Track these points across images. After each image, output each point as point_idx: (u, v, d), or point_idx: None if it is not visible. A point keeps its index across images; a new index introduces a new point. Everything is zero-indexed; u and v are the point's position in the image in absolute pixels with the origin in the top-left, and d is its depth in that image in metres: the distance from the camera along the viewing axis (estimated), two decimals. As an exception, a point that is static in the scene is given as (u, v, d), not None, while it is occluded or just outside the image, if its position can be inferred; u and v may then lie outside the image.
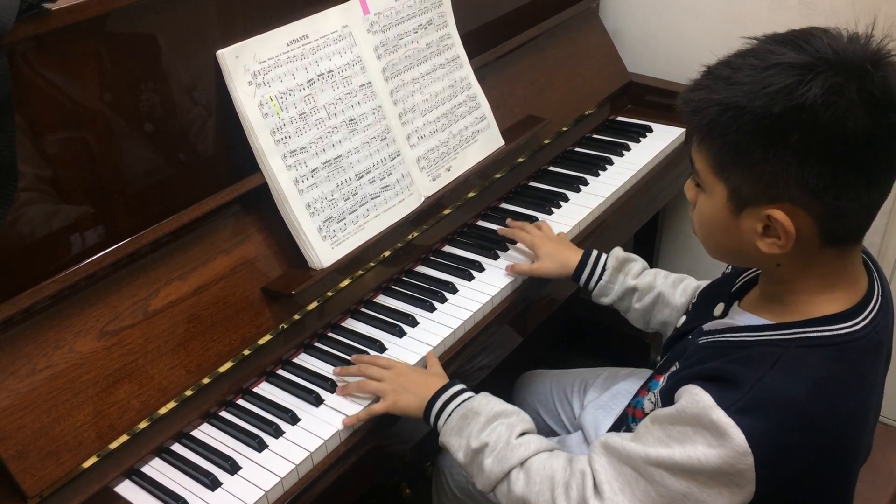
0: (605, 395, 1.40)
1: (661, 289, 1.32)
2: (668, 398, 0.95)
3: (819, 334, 0.89)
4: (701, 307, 1.11)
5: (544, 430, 1.51)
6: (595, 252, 1.38)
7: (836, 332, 0.89)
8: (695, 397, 0.88)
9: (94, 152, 1.14)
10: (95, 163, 1.14)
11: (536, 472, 1.02)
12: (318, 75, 1.35)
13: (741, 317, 0.99)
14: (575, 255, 1.38)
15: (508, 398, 1.60)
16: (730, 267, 1.14)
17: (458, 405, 1.12)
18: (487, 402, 1.11)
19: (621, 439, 0.96)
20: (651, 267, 1.38)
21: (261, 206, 1.31)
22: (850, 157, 0.82)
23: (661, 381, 1.05)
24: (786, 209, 0.85)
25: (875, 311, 0.92)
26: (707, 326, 1.02)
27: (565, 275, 1.39)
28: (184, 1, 1.18)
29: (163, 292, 1.19)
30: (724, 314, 1.04)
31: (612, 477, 0.94)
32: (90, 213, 1.15)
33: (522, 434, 1.07)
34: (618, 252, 1.37)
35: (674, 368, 1.03)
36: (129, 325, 1.15)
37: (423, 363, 1.27)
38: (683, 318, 1.17)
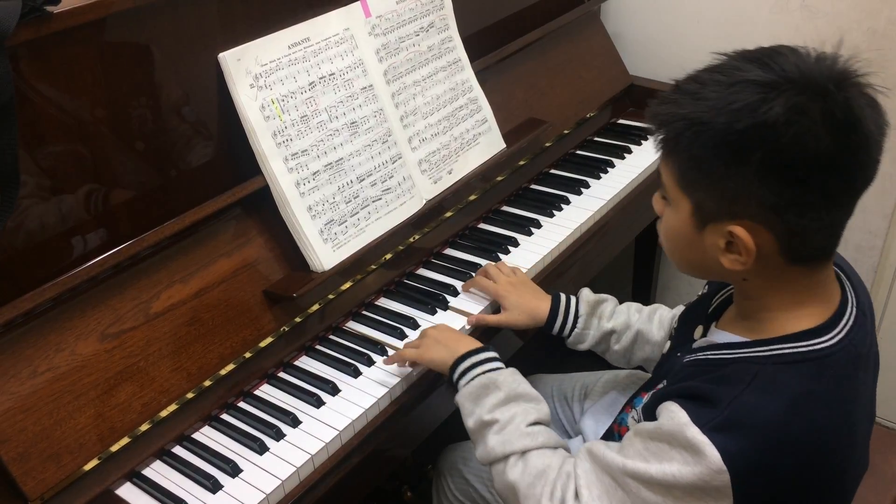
0: (604, 399, 1.40)
1: (639, 326, 1.30)
2: (649, 414, 0.96)
3: (794, 350, 0.89)
4: (681, 331, 1.11)
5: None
6: (564, 298, 1.33)
7: (811, 348, 0.88)
8: (671, 415, 0.89)
9: (95, 155, 1.14)
10: (97, 165, 1.14)
11: (533, 465, 1.02)
12: (320, 78, 1.35)
13: (719, 335, 0.99)
14: (544, 304, 1.33)
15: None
16: (706, 287, 1.13)
17: (484, 372, 1.12)
18: (513, 380, 1.11)
19: (605, 448, 0.97)
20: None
21: (262, 208, 1.31)
22: (811, 178, 0.82)
23: (646, 398, 1.04)
24: (746, 226, 0.85)
25: (850, 323, 0.91)
26: (695, 346, 1.02)
27: (536, 326, 1.34)
28: (185, 4, 1.18)
29: (164, 295, 1.19)
30: (703, 336, 1.04)
31: (591, 483, 0.96)
32: (91, 216, 1.15)
33: (535, 423, 1.07)
34: (587, 295, 1.33)
35: (660, 386, 1.03)
36: (131, 328, 1.15)
37: None
38: (668, 343, 1.16)
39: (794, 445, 0.86)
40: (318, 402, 1.21)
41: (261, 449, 1.14)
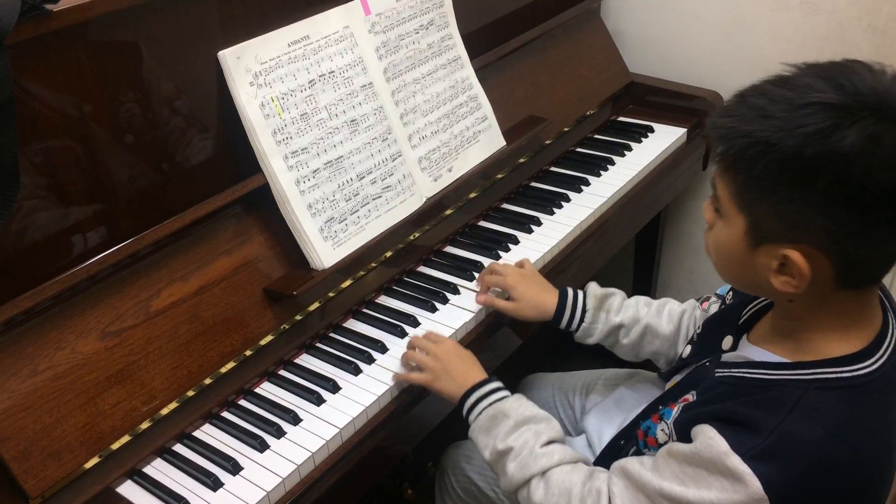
0: (607, 400, 1.39)
1: (648, 320, 1.29)
2: (682, 431, 0.94)
3: (837, 375, 0.86)
4: (707, 338, 1.09)
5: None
6: (571, 293, 1.32)
7: (854, 374, 0.86)
8: (710, 441, 0.87)
9: (95, 153, 1.14)
10: (97, 163, 1.14)
11: (555, 484, 1.03)
12: (320, 76, 1.35)
13: (754, 351, 0.97)
14: (552, 298, 1.32)
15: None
16: (730, 295, 1.12)
17: (491, 404, 1.13)
18: (518, 406, 1.12)
19: (640, 466, 0.95)
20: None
21: (262, 206, 1.31)
22: (878, 211, 0.79)
23: (675, 410, 1.02)
24: (804, 251, 0.83)
25: (891, 348, 0.89)
26: (725, 358, 1.00)
27: (543, 319, 1.34)
28: (185, 2, 1.18)
29: (164, 293, 1.19)
30: (733, 347, 1.02)
31: (626, 501, 0.95)
32: (92, 214, 1.15)
33: (549, 443, 1.08)
34: (595, 290, 1.33)
35: (690, 398, 1.01)
36: (131, 326, 1.15)
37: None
38: (689, 348, 1.15)
39: (836, 473, 0.85)
40: (319, 400, 1.21)
41: (261, 447, 1.14)
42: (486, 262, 1.49)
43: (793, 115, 0.79)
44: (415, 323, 1.36)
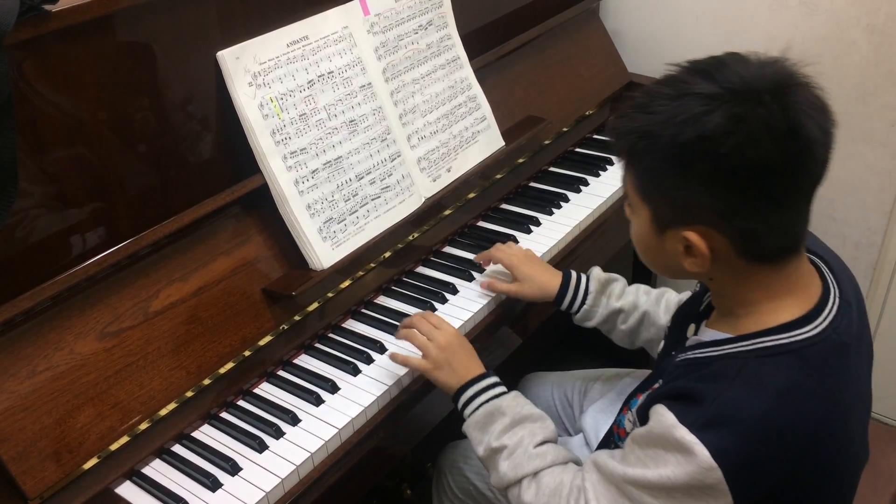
0: (605, 398, 1.40)
1: (646, 307, 1.32)
2: (643, 417, 0.97)
3: (776, 343, 0.90)
4: (675, 331, 1.12)
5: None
6: (574, 275, 1.35)
7: (792, 339, 0.89)
8: (660, 418, 0.90)
9: (94, 153, 1.14)
10: (95, 164, 1.14)
11: (546, 485, 1.04)
12: (319, 76, 1.35)
13: (707, 333, 1.00)
14: (555, 279, 1.35)
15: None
16: (698, 285, 1.14)
17: (487, 400, 1.14)
18: (515, 404, 1.13)
19: (609, 457, 0.98)
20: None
21: (261, 207, 1.31)
22: (753, 185, 0.84)
23: (641, 399, 1.05)
24: (700, 231, 0.88)
25: (833, 313, 0.92)
26: (687, 345, 1.03)
27: (545, 299, 1.36)
28: (184, 3, 1.18)
29: (163, 293, 1.19)
30: (695, 335, 1.05)
31: (600, 494, 0.97)
32: (90, 215, 1.15)
33: (542, 443, 1.09)
34: (598, 274, 1.36)
35: (656, 387, 1.03)
36: (130, 327, 1.15)
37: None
38: (663, 341, 1.17)
39: (783, 437, 0.87)
40: (318, 401, 1.21)
41: (260, 447, 1.14)
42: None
43: (670, 107, 0.86)
44: (414, 323, 1.36)
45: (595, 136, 1.93)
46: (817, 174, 0.87)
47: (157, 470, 1.14)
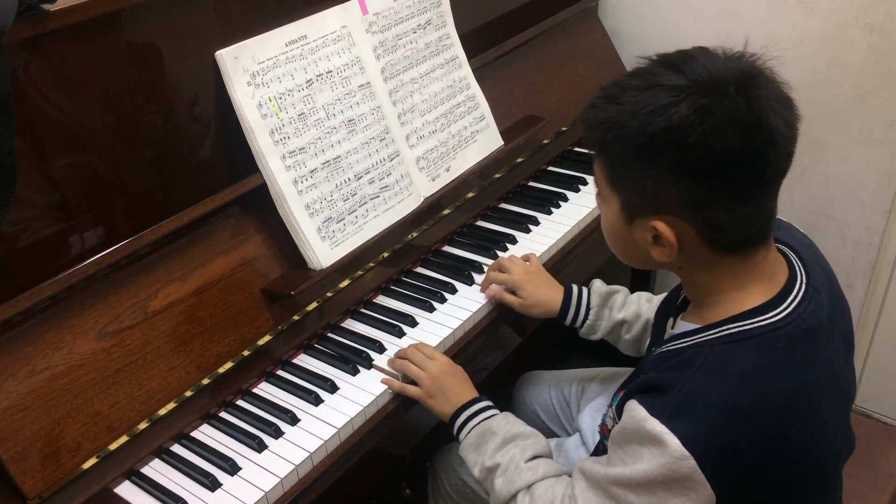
0: (601, 397, 1.40)
1: (648, 315, 1.32)
2: (620, 413, 0.97)
3: (740, 328, 0.91)
4: (657, 327, 1.14)
5: (544, 431, 1.50)
6: (576, 290, 1.36)
7: (756, 325, 0.91)
8: (632, 413, 0.91)
9: (92, 153, 1.14)
10: (94, 164, 1.14)
11: (539, 497, 1.05)
12: (317, 76, 1.35)
13: (680, 325, 1.02)
14: (557, 296, 1.36)
15: (508, 399, 1.60)
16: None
17: (479, 423, 1.16)
18: (506, 424, 1.15)
19: (593, 463, 0.99)
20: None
21: (260, 206, 1.31)
22: (718, 175, 0.86)
23: (621, 395, 1.05)
24: (667, 220, 0.90)
25: (798, 299, 0.93)
26: (665, 338, 1.04)
27: (548, 316, 1.38)
28: (182, 2, 1.18)
29: (162, 293, 1.19)
30: (672, 328, 1.06)
31: (589, 499, 0.98)
32: (89, 214, 1.15)
33: (534, 458, 1.10)
34: (599, 287, 1.37)
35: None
36: (129, 326, 1.15)
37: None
38: (649, 339, 1.19)
39: (751, 421, 0.88)
40: (317, 400, 1.21)
41: (259, 447, 1.14)
42: (485, 261, 1.49)
43: (638, 98, 0.87)
44: (413, 323, 1.36)
45: (594, 136, 1.92)
46: (781, 166, 0.89)
47: (157, 470, 1.14)
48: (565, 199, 1.68)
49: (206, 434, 1.19)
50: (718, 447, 0.87)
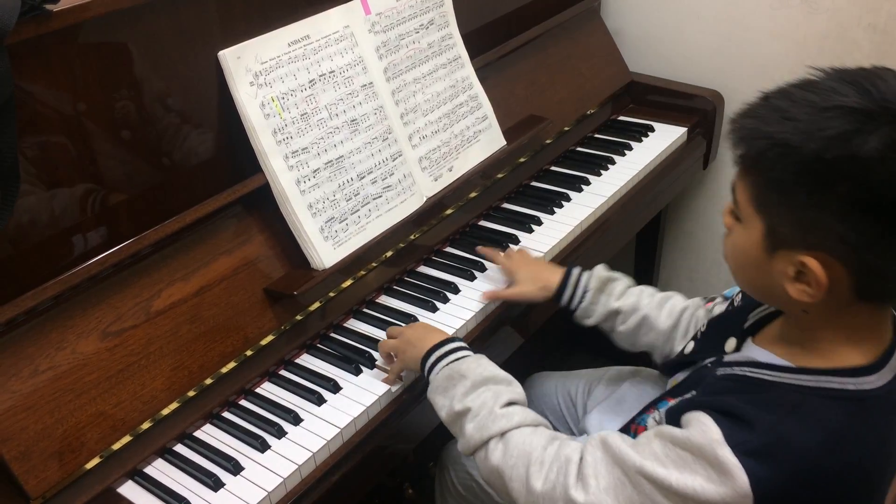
0: (610, 399, 1.39)
1: (647, 311, 1.28)
2: (673, 418, 0.93)
3: (841, 386, 0.85)
4: (711, 337, 1.08)
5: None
6: (577, 271, 1.33)
7: (858, 388, 0.85)
8: (704, 427, 0.86)
9: (96, 153, 1.14)
10: (97, 164, 1.14)
11: (515, 446, 1.00)
12: (320, 76, 1.35)
13: (759, 352, 0.95)
14: (555, 276, 1.33)
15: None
16: (738, 297, 1.10)
17: (448, 364, 1.11)
18: (477, 366, 1.09)
19: (621, 441, 0.94)
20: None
21: (263, 206, 1.31)
22: None
23: (672, 402, 1.01)
24: (821, 259, 0.81)
25: None
26: (728, 359, 0.99)
27: (546, 297, 1.34)
28: (185, 2, 1.18)
29: (165, 293, 1.19)
30: (736, 349, 1.00)
31: (600, 473, 0.92)
32: (92, 214, 1.15)
33: (509, 404, 1.05)
34: (600, 271, 1.33)
35: (689, 396, 0.99)
36: (132, 326, 1.15)
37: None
38: (692, 344, 1.13)
39: (824, 479, 0.84)
40: (320, 400, 1.21)
41: (262, 447, 1.14)
42: (487, 261, 1.49)
43: (815, 117, 0.78)
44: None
45: (597, 136, 1.92)
46: None
47: (160, 469, 1.14)
48: (568, 198, 1.68)
49: (208, 434, 1.19)
50: (781, 496, 0.83)
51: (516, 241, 1.56)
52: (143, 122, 1.18)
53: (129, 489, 1.11)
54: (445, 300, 1.40)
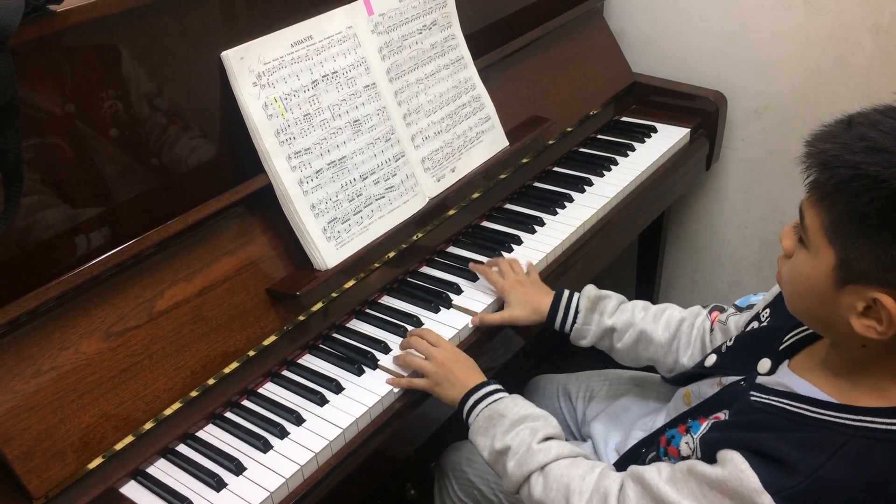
0: (614, 406, 1.38)
1: (642, 325, 1.26)
2: (707, 450, 0.91)
3: (889, 427, 0.82)
4: (740, 353, 1.05)
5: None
6: (566, 293, 1.32)
7: None
8: (740, 473, 0.83)
9: (99, 153, 1.14)
10: (101, 164, 1.14)
11: (554, 479, 1.03)
12: (323, 76, 1.35)
13: (798, 382, 0.92)
14: (546, 299, 1.33)
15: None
16: (766, 313, 1.07)
17: (487, 406, 1.14)
18: (514, 405, 1.12)
19: (658, 475, 0.93)
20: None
21: (265, 207, 1.31)
22: None
23: (704, 426, 0.98)
24: None
25: None
26: (761, 381, 0.96)
27: (538, 321, 1.34)
28: (188, 3, 1.18)
29: (168, 293, 1.19)
30: (771, 372, 0.96)
31: None
32: (95, 215, 1.15)
33: (546, 439, 1.08)
34: (590, 291, 1.32)
35: (722, 417, 0.97)
36: (135, 326, 1.15)
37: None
38: (713, 357, 1.11)
39: None
40: (322, 401, 1.21)
41: (265, 447, 1.14)
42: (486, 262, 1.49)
43: None
44: (418, 323, 1.36)
45: (599, 136, 1.92)
46: None
47: (162, 469, 1.14)
48: (571, 199, 1.68)
49: (211, 434, 1.19)
50: None
51: (519, 241, 1.56)
52: (146, 123, 1.18)
53: (131, 489, 1.11)
54: (448, 301, 1.40)
